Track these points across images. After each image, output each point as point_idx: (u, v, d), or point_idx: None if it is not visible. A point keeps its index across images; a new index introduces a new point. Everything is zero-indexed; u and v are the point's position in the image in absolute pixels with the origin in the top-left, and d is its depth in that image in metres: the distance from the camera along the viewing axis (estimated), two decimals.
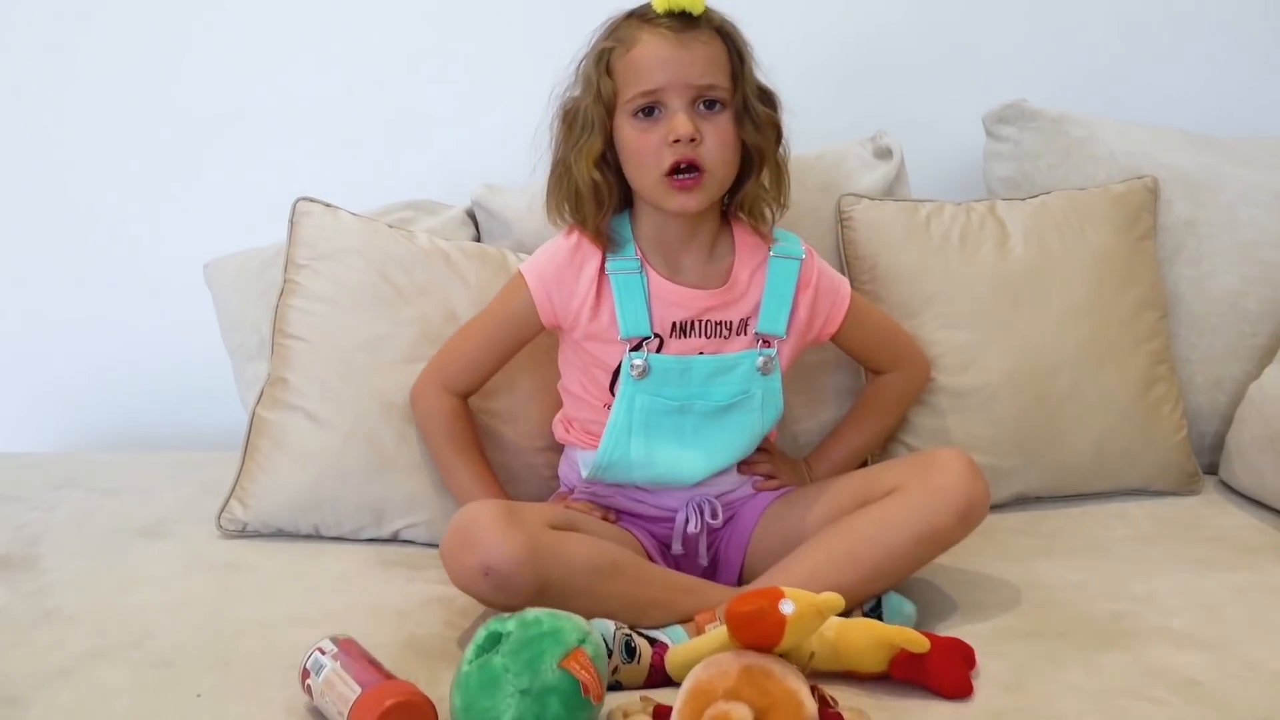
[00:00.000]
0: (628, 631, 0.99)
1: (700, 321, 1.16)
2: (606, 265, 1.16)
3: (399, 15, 1.70)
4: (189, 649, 1.01)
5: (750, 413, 1.18)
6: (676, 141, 1.08)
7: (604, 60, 1.13)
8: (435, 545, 1.27)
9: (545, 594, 0.99)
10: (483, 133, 1.71)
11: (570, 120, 1.16)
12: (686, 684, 0.86)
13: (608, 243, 1.17)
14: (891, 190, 1.51)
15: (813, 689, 0.86)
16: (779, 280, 1.19)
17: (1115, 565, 1.19)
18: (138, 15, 1.67)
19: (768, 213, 1.19)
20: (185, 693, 0.94)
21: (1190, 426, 1.43)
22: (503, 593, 0.98)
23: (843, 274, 1.42)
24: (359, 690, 0.85)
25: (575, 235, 1.18)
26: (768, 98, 1.16)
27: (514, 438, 1.32)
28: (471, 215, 1.58)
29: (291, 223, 1.41)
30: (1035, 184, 1.56)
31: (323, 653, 0.91)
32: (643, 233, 1.18)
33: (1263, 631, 1.03)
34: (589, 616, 0.97)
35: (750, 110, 1.12)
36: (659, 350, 1.15)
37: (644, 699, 0.92)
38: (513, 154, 1.64)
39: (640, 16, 1.13)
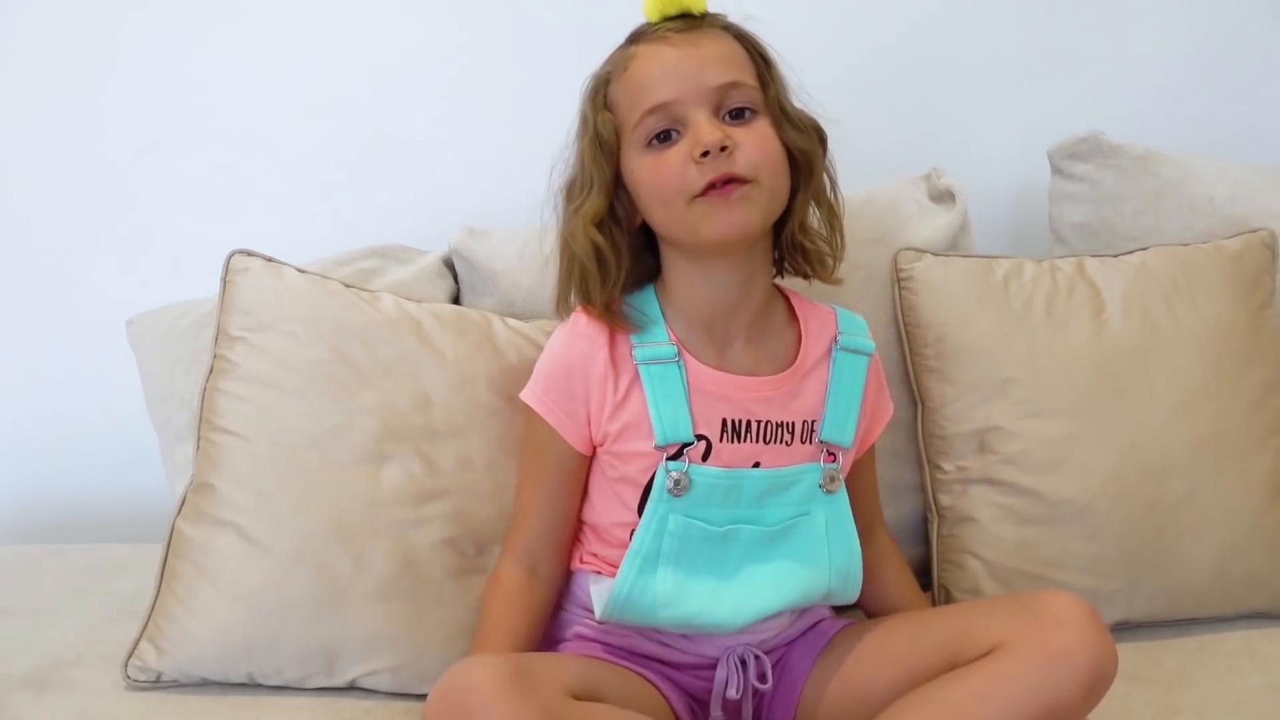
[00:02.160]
0: None
1: (759, 423, 0.92)
2: (635, 353, 0.92)
3: (367, 23, 1.44)
4: None
5: (812, 543, 0.93)
6: (705, 155, 0.85)
7: (600, 93, 0.91)
8: (403, 695, 1.03)
9: None
10: (466, 164, 1.46)
11: (570, 189, 0.94)
12: None
13: (625, 323, 0.93)
14: (955, 243, 1.26)
15: None
16: (846, 377, 0.96)
17: None
18: (60, 37, 1.42)
19: (827, 259, 0.96)
20: None
21: None
22: None
23: (901, 343, 1.19)
24: None
25: (574, 320, 0.95)
26: (803, 124, 0.92)
27: None
28: (450, 265, 1.31)
29: (224, 282, 1.14)
30: (1117, 234, 1.32)
31: None
32: (676, 305, 0.95)
33: None
34: None
35: (788, 113, 0.90)
36: (705, 459, 0.90)
37: None
38: (501, 189, 1.42)
39: (634, 38, 0.91)
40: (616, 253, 0.92)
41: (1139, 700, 1.01)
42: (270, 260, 1.16)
